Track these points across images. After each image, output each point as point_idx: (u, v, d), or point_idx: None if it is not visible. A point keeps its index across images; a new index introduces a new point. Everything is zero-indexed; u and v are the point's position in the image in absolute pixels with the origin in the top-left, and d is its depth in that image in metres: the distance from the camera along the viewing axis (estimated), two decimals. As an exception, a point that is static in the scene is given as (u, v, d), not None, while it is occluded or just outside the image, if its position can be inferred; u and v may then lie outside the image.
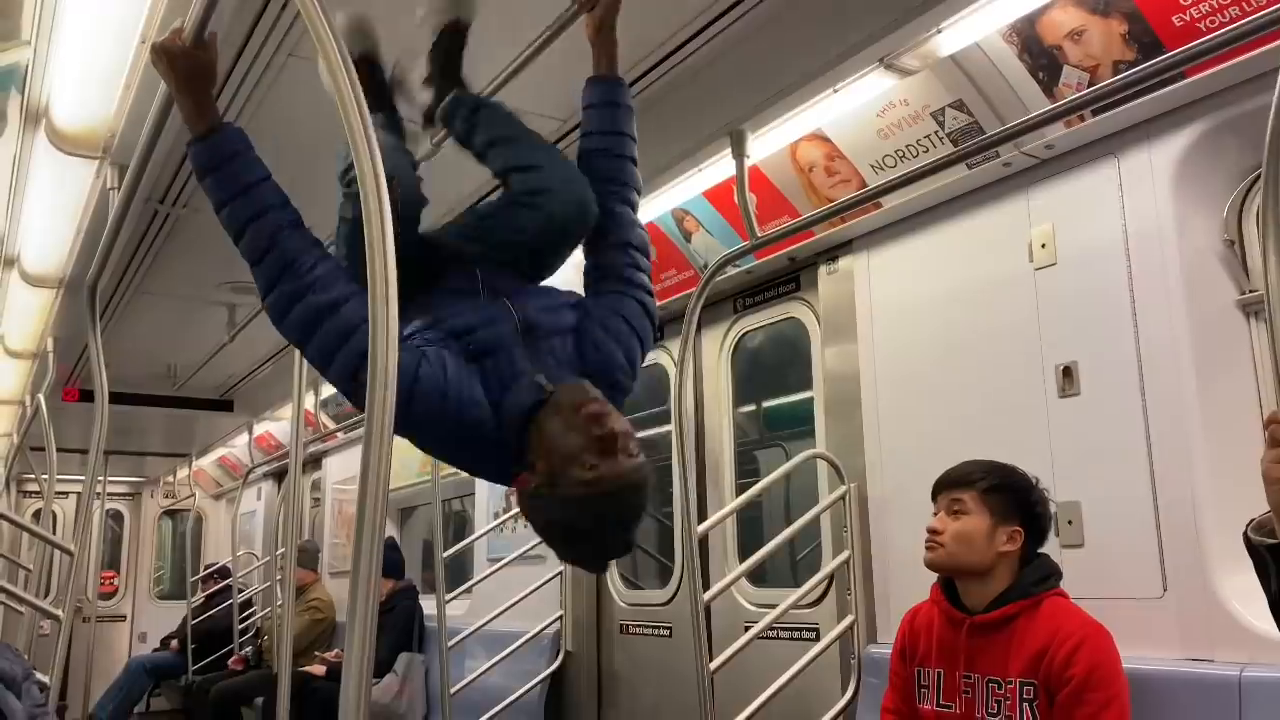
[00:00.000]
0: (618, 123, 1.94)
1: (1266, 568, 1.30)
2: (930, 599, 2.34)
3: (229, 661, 6.60)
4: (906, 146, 2.73)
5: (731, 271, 3.49)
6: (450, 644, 4.17)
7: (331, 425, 6.67)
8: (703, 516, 3.43)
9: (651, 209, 3.46)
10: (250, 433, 7.52)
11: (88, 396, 5.89)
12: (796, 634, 3.33)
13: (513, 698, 4.24)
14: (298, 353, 3.26)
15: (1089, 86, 2.29)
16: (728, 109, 2.75)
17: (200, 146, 1.63)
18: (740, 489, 3.71)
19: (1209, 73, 2.19)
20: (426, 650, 5.16)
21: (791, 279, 3.63)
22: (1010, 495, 2.23)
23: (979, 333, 2.80)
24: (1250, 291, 2.34)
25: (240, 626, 7.05)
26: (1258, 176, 2.32)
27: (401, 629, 5.18)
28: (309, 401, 5.89)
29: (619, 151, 1.93)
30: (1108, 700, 1.99)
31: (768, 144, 2.91)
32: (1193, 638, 2.22)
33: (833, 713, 2.93)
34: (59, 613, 3.08)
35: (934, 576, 2.33)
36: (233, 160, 1.62)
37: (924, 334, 2.98)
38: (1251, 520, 1.32)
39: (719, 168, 3.06)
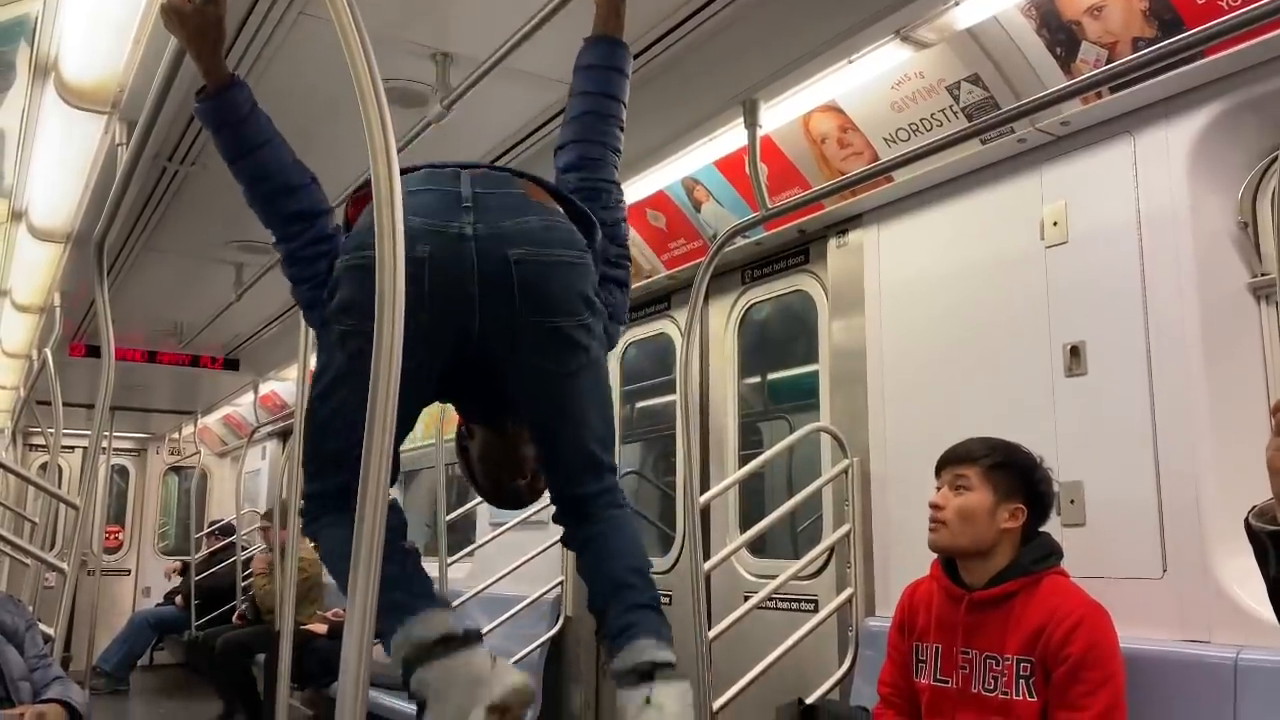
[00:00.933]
0: (615, 87, 1.94)
1: (1266, 554, 1.30)
2: (930, 575, 2.35)
3: (233, 618, 6.69)
4: (920, 120, 2.71)
5: (740, 242, 3.48)
6: (452, 606, 4.20)
7: (337, 386, 6.66)
8: (705, 487, 3.44)
9: (661, 177, 3.44)
10: (255, 392, 7.55)
11: (94, 352, 5.92)
12: (795, 605, 3.35)
13: (513, 660, 4.27)
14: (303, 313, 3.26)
15: (1107, 63, 2.27)
16: (741, 77, 2.72)
17: (205, 107, 1.69)
18: (743, 461, 3.72)
19: (1229, 52, 2.16)
20: (428, 612, 5.18)
21: (801, 251, 3.61)
22: (1014, 472, 2.23)
23: (987, 310, 2.79)
24: (1262, 275, 2.32)
25: (244, 584, 7.11)
26: (1275, 158, 2.30)
27: (403, 590, 5.19)
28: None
29: (611, 114, 1.93)
30: (1104, 679, 2.00)
31: (780, 114, 2.88)
32: (1191, 619, 2.23)
33: (829, 683, 2.95)
34: (64, 565, 3.11)
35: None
36: (236, 126, 1.69)
37: (932, 310, 2.96)
38: (1253, 507, 1.32)
39: (731, 137, 3.04)
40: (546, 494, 1.89)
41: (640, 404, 4.63)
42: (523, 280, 1.57)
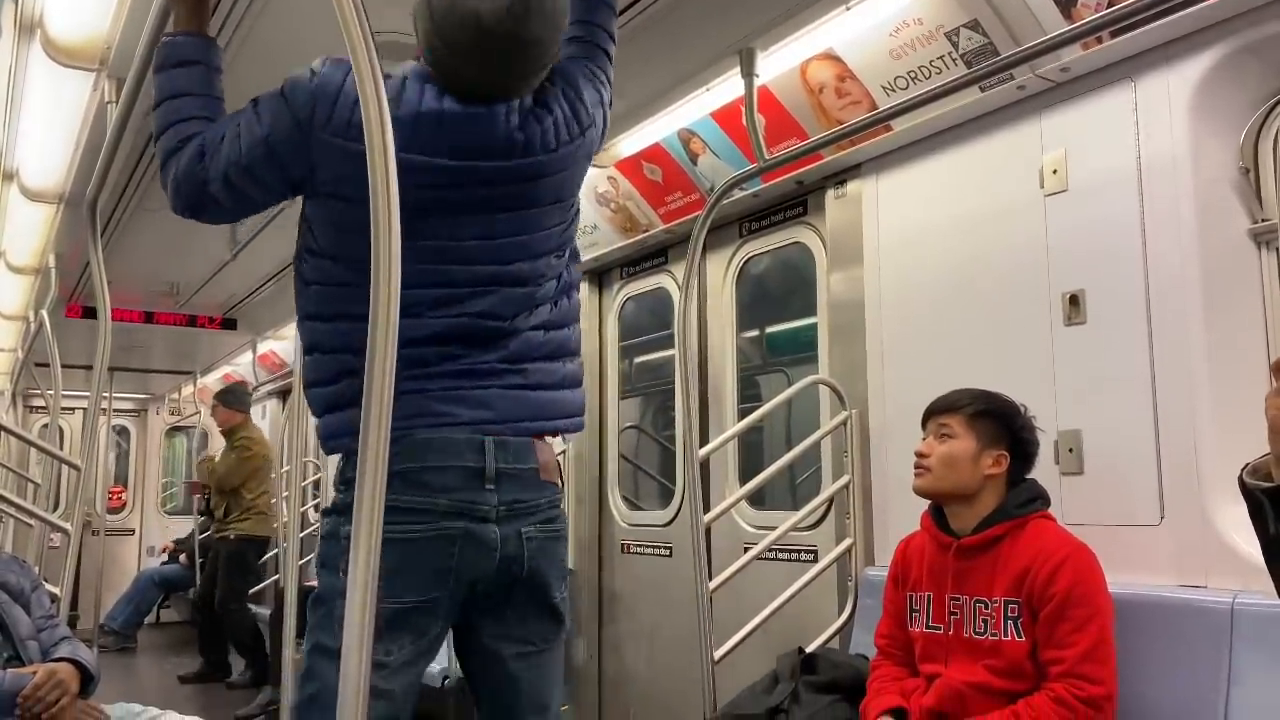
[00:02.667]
0: (600, 15, 1.93)
1: (1262, 511, 1.30)
2: (921, 526, 2.38)
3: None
4: (919, 68, 2.67)
5: (738, 195, 3.45)
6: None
7: (335, 345, 6.66)
8: (704, 440, 3.45)
9: (657, 129, 3.41)
10: (254, 351, 7.55)
11: (90, 313, 5.90)
12: (795, 556, 3.38)
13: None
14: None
15: (1108, 7, 2.23)
16: (737, 26, 2.68)
17: (180, 39, 1.71)
18: (743, 414, 3.73)
19: (1233, -7, 2.13)
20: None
21: (799, 203, 3.59)
22: (996, 420, 2.26)
23: (986, 260, 2.78)
24: (1263, 221, 2.31)
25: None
26: (1277, 102, 2.27)
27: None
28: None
29: (599, 44, 1.93)
30: (1089, 616, 2.03)
31: (777, 63, 2.85)
32: (1188, 565, 2.24)
33: (829, 632, 2.98)
34: (67, 526, 3.13)
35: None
36: (205, 66, 1.71)
37: (931, 260, 2.95)
38: (1246, 465, 1.31)
39: (727, 87, 3.01)
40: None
41: (639, 359, 4.63)
42: (531, 556, 1.70)
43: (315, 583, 5.29)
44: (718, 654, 2.79)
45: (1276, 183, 2.27)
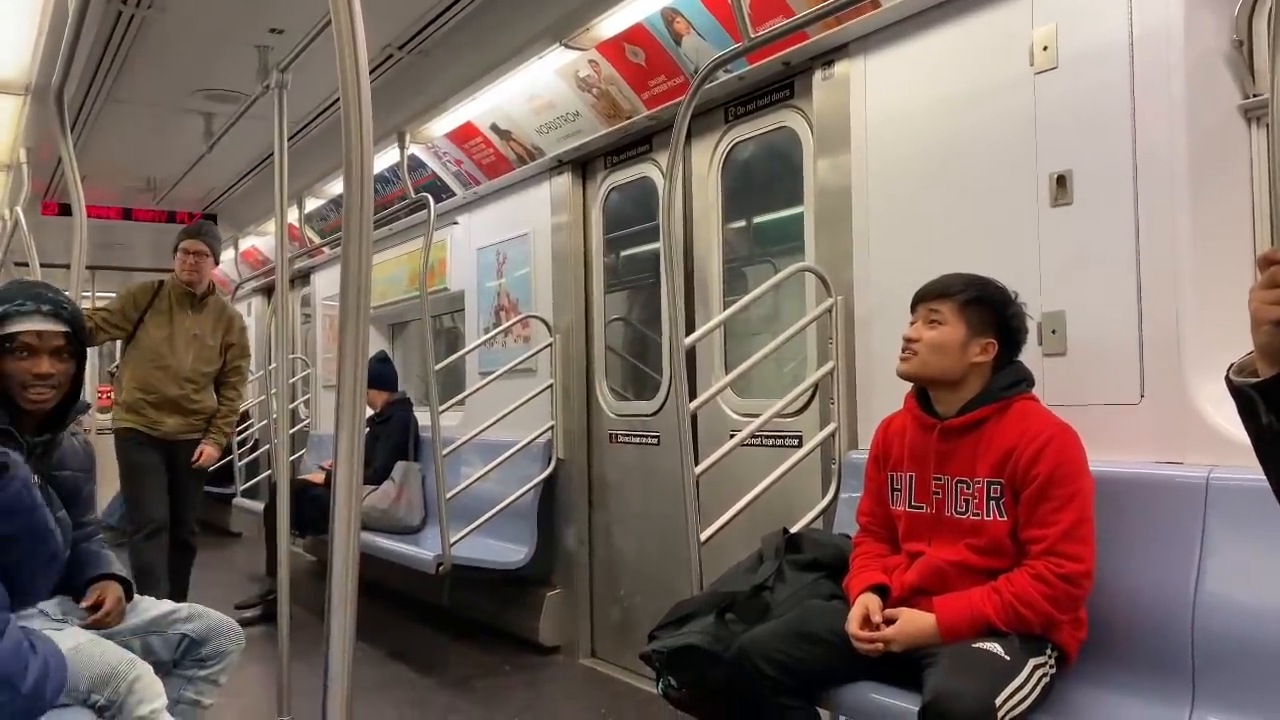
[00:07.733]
0: None
1: (1253, 406, 1.30)
2: (904, 407, 2.40)
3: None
4: (908, -60, 2.59)
5: (723, 77, 3.37)
6: (445, 452, 4.29)
7: (317, 240, 6.62)
8: (690, 331, 3.45)
9: (640, 8, 3.31)
10: (236, 248, 7.47)
11: (66, 210, 5.81)
12: (780, 442, 3.42)
13: (508, 501, 4.41)
14: (277, 166, 3.19)
15: None
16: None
17: None
18: (729, 305, 3.72)
19: None
20: (423, 459, 5.32)
21: (785, 85, 3.52)
22: (987, 308, 2.26)
23: (974, 140, 2.74)
24: (1254, 95, 2.27)
25: (239, 439, 7.22)
26: (1274, -29, 2.21)
27: (397, 439, 5.32)
28: (292, 216, 5.82)
29: None
30: (1070, 496, 2.07)
31: (762, -63, 2.75)
32: (1166, 442, 2.28)
33: (813, 514, 3.04)
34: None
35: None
36: None
37: (918, 142, 2.91)
38: (1231, 364, 1.31)
39: (711, -37, 2.91)
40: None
41: (624, 251, 4.59)
42: None
43: (308, 477, 5.38)
44: (704, 535, 2.85)
45: (1270, 56, 2.23)
